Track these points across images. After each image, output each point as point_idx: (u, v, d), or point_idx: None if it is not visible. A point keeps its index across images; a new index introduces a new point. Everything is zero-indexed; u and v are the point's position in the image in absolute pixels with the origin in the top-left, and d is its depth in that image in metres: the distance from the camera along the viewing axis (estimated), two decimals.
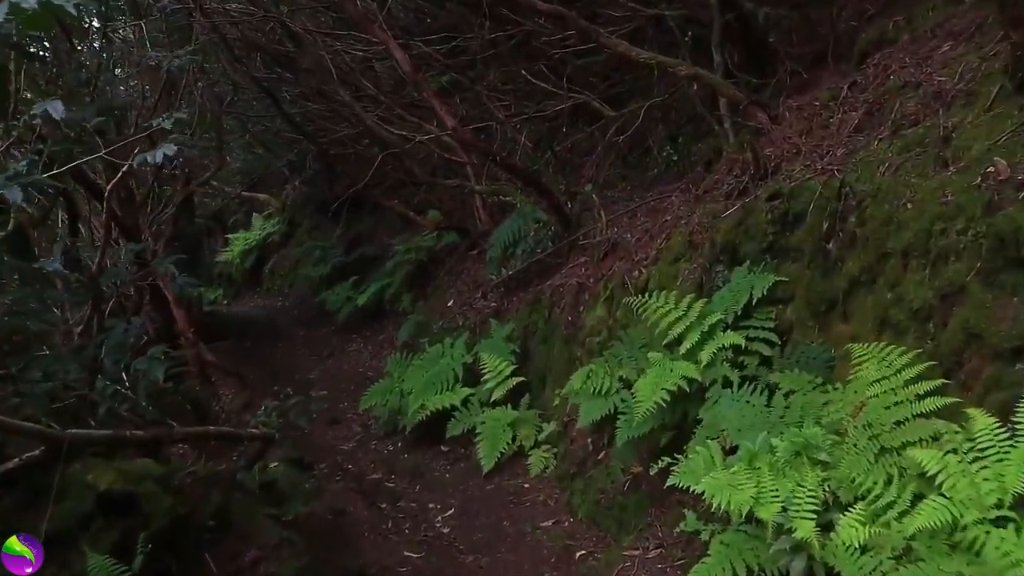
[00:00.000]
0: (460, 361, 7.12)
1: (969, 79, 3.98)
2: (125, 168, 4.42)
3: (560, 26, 6.80)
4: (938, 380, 3.14)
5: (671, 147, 6.95)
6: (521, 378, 6.57)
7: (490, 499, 5.97)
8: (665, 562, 4.33)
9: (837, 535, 2.68)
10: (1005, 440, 2.62)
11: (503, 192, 8.29)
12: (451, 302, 8.88)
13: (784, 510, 2.82)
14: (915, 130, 4.04)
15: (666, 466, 3.99)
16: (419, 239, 10.19)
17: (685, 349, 4.50)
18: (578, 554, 4.93)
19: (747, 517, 3.19)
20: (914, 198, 3.65)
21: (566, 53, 7.65)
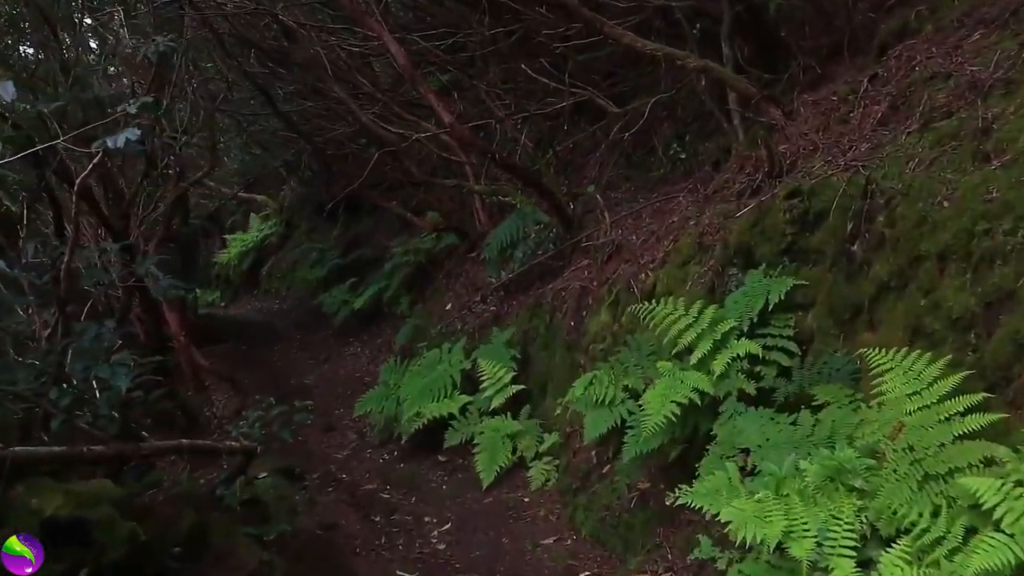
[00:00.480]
0: (458, 367, 6.76)
1: (1008, 67, 3.63)
2: (96, 160, 4.09)
3: (563, 16, 6.45)
4: (978, 395, 2.78)
5: (678, 145, 6.60)
6: (521, 386, 6.21)
7: (489, 513, 5.61)
8: None
9: (880, 575, 2.33)
10: None
11: (503, 192, 7.93)
12: (449, 305, 8.53)
13: (819, 545, 2.46)
14: (948, 122, 3.68)
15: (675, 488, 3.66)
16: (417, 241, 9.84)
17: (696, 358, 4.14)
18: (581, 575, 4.58)
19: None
20: (951, 195, 3.30)
21: (568, 49, 7.30)
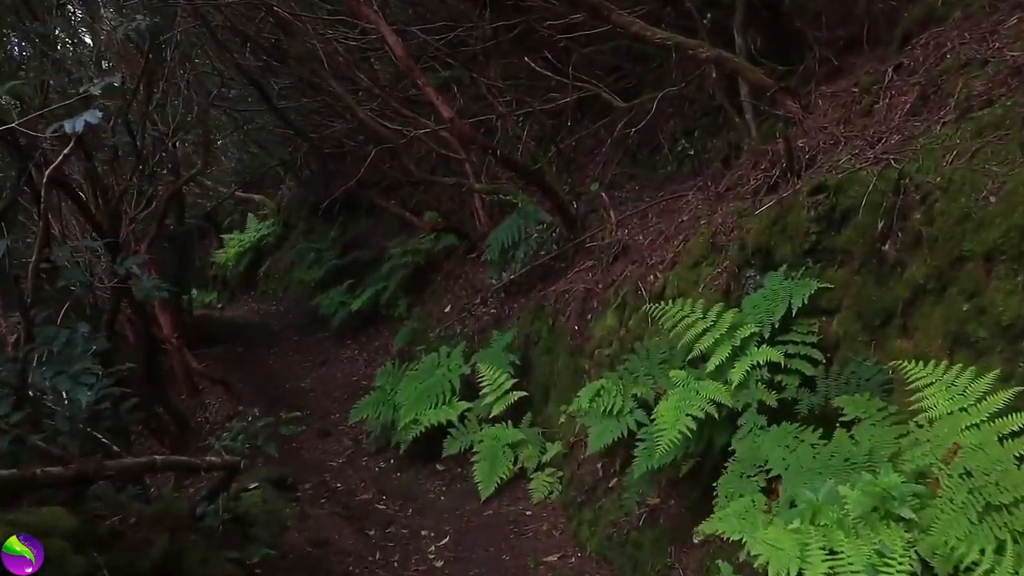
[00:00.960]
0: (457, 372, 6.42)
1: None
2: (68, 150, 3.76)
3: (568, 4, 6.09)
4: None
5: (686, 141, 6.25)
6: (523, 392, 5.86)
7: (489, 527, 5.27)
8: None
9: None
10: None
11: (503, 191, 7.58)
12: (448, 308, 8.18)
13: None
14: (990, 111, 3.34)
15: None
16: (416, 241, 9.48)
17: (713, 366, 3.79)
18: None
19: None
20: (999, 190, 2.95)
21: (572, 42, 6.97)
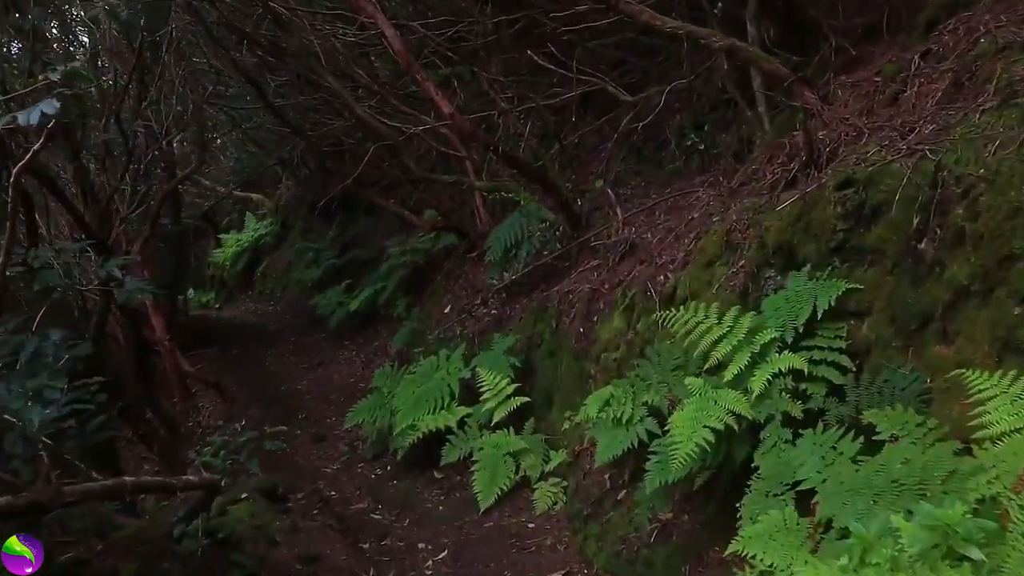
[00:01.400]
0: (456, 376, 6.08)
1: None
2: (38, 146, 3.43)
3: None
4: None
5: (695, 135, 5.91)
6: (525, 398, 5.53)
7: (489, 540, 4.94)
8: None
9: None
10: None
11: (505, 188, 7.24)
12: (448, 308, 7.84)
13: None
14: None
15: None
16: (415, 241, 9.15)
17: (732, 374, 3.46)
18: None
19: None
20: None
21: (575, 35, 6.63)
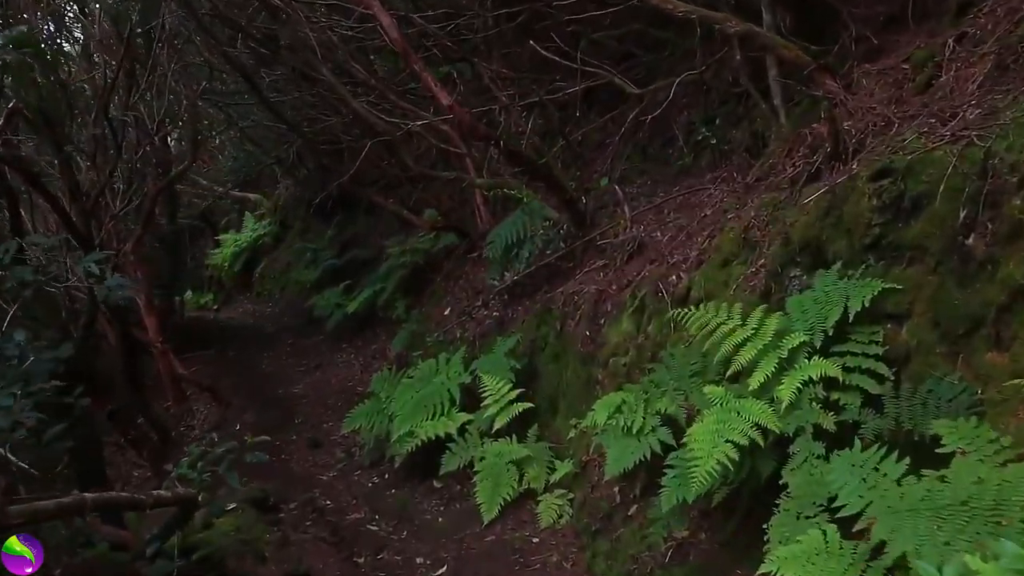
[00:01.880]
0: (457, 381, 5.73)
1: None
2: None
3: None
4: None
5: (706, 129, 5.57)
6: (528, 404, 5.18)
7: (491, 555, 4.59)
8: None
9: None
10: None
11: (507, 186, 6.89)
12: (448, 310, 7.50)
13: None
14: None
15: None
16: (415, 241, 8.80)
17: (757, 382, 3.12)
18: None
19: None
20: None
21: (580, 25, 6.29)
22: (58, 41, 8.31)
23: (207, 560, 3.43)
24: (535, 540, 4.55)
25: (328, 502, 5.77)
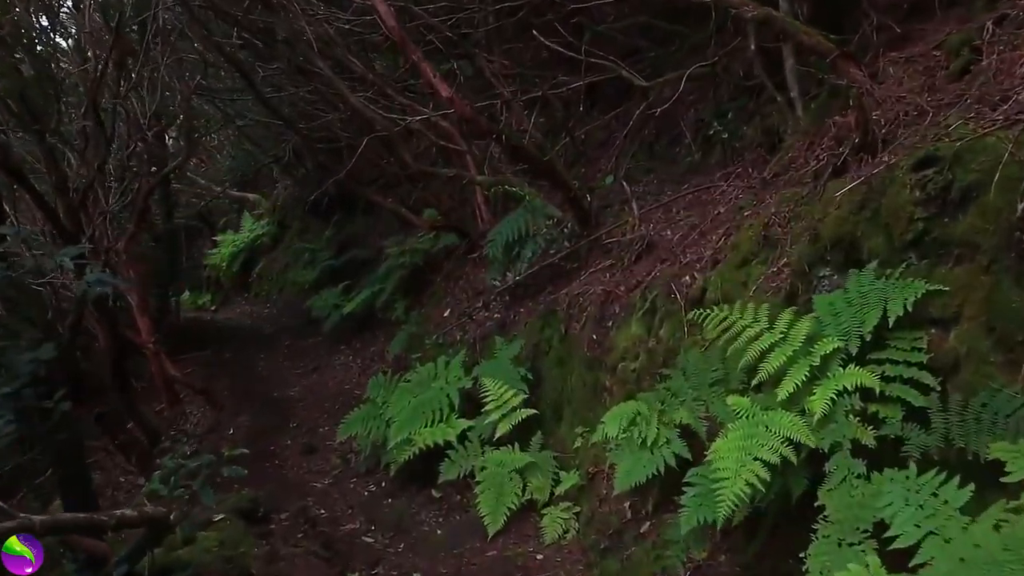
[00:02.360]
0: (456, 385, 5.40)
1: None
2: None
3: None
4: None
5: (718, 123, 5.24)
6: (532, 410, 4.84)
7: (492, 572, 4.25)
8: None
9: None
10: None
11: (508, 184, 6.55)
12: (448, 312, 7.16)
13: None
14: None
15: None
16: (414, 240, 8.45)
17: (786, 392, 2.78)
18: None
19: None
20: None
21: (584, 16, 5.98)
22: (50, 35, 7.98)
23: None
24: (539, 557, 4.20)
25: (322, 511, 5.43)
